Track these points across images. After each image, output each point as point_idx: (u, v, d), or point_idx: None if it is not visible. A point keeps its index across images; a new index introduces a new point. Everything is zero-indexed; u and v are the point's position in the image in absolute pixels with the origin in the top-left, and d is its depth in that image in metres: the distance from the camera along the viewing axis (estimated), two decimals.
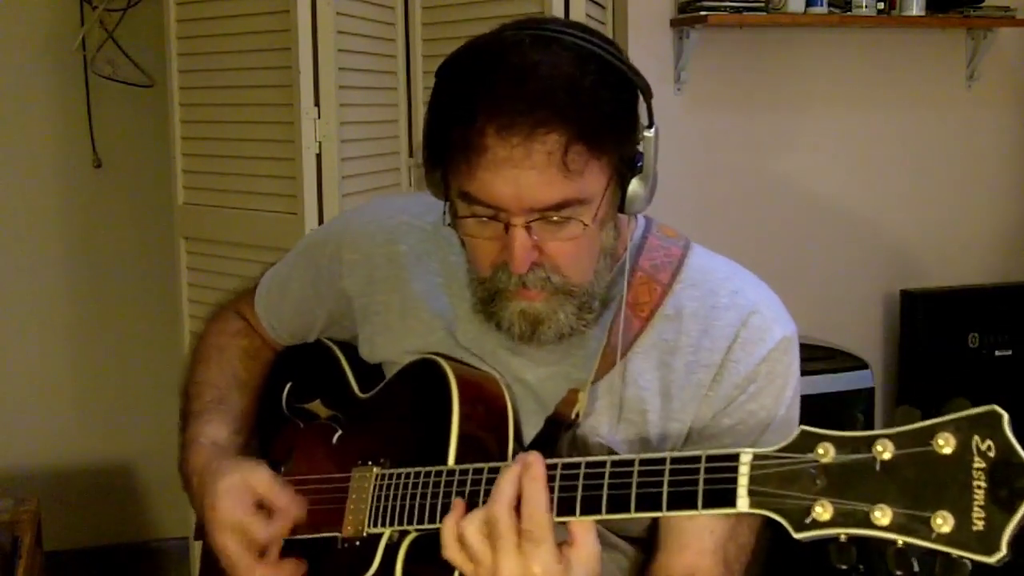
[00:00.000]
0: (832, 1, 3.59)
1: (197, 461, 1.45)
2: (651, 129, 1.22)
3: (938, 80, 3.88)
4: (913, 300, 3.74)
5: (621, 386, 1.30)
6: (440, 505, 1.20)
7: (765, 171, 3.77)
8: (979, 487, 0.87)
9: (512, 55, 1.16)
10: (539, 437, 1.30)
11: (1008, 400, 0.92)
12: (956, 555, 0.87)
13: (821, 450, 0.95)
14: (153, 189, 3.58)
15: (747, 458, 1.00)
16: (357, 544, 1.30)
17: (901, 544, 0.90)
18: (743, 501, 0.99)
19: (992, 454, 0.87)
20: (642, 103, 1.23)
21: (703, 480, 1.03)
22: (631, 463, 1.09)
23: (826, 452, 0.94)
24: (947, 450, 0.88)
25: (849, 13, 3.60)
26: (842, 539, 0.93)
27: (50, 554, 3.14)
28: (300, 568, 1.36)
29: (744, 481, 1.00)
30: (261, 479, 1.37)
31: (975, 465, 0.87)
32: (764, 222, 3.78)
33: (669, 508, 1.05)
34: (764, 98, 3.73)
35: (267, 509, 1.36)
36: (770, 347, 1.28)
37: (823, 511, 0.93)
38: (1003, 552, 0.85)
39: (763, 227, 3.77)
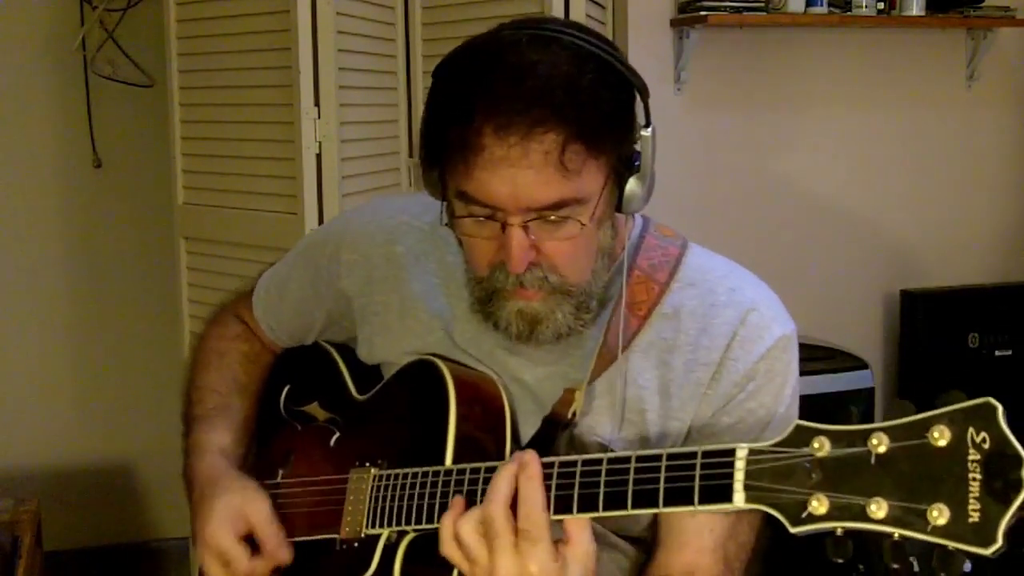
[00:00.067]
0: (832, 1, 3.59)
1: (201, 470, 1.45)
2: (648, 128, 1.22)
3: (938, 80, 3.88)
4: (913, 300, 3.74)
5: (619, 385, 1.29)
6: (438, 505, 1.20)
7: (765, 171, 3.77)
8: (974, 479, 0.87)
9: (509, 54, 1.16)
10: (537, 437, 1.29)
11: (1008, 400, 0.92)
12: (952, 547, 0.87)
13: (816, 444, 0.95)
14: (153, 189, 3.58)
15: (743, 453, 1.00)
16: (355, 545, 1.30)
17: (897, 537, 0.90)
18: (739, 496, 0.99)
19: (987, 446, 0.87)
20: (639, 102, 1.22)
21: (699, 476, 1.03)
22: (627, 460, 1.09)
23: (821, 446, 0.95)
24: (942, 443, 0.89)
25: (849, 13, 3.60)
26: (838, 533, 0.93)
27: (50, 554, 3.14)
28: None
29: (740, 476, 1.00)
30: (258, 511, 1.37)
31: (970, 457, 0.88)
32: (764, 222, 3.78)
33: (666, 504, 1.05)
34: (764, 98, 3.73)
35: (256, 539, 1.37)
36: (769, 345, 1.27)
37: (819, 505, 0.93)
38: (999, 543, 0.86)
39: (763, 227, 3.77)
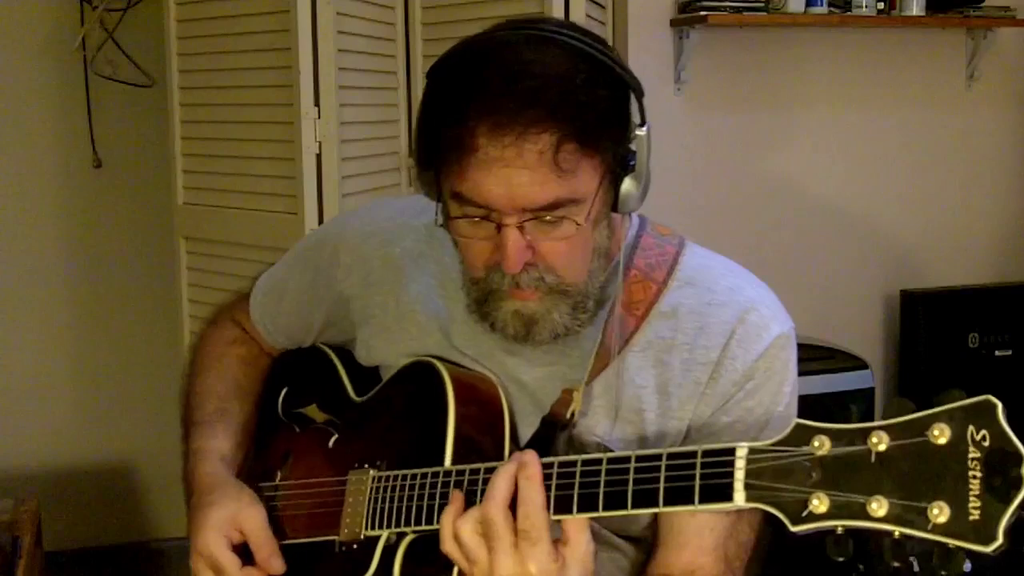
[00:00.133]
0: (832, 1, 3.59)
1: (200, 477, 1.45)
2: (644, 128, 1.21)
3: (938, 80, 3.88)
4: (913, 300, 3.74)
5: (617, 385, 1.29)
6: (437, 506, 1.20)
7: (765, 171, 3.77)
8: (974, 477, 0.87)
9: (504, 55, 1.15)
10: (535, 437, 1.29)
11: (1008, 400, 0.92)
12: (953, 545, 0.87)
13: (816, 443, 0.95)
14: (153, 189, 3.58)
15: (743, 452, 1.00)
16: (355, 547, 1.29)
17: (898, 535, 0.90)
18: (739, 495, 0.99)
19: (987, 444, 0.87)
20: (634, 102, 1.22)
21: (699, 475, 1.03)
22: (627, 460, 1.09)
23: (821, 445, 0.95)
24: (942, 440, 0.89)
25: (849, 13, 3.60)
26: (839, 531, 0.93)
27: (50, 554, 3.15)
28: None
29: (740, 475, 0.99)
30: (252, 520, 1.37)
31: (970, 455, 0.88)
32: (764, 222, 3.78)
33: (666, 504, 1.05)
34: (764, 98, 3.73)
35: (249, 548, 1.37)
36: (767, 344, 1.27)
37: (819, 503, 0.93)
38: (999, 541, 0.86)
39: (763, 227, 3.77)
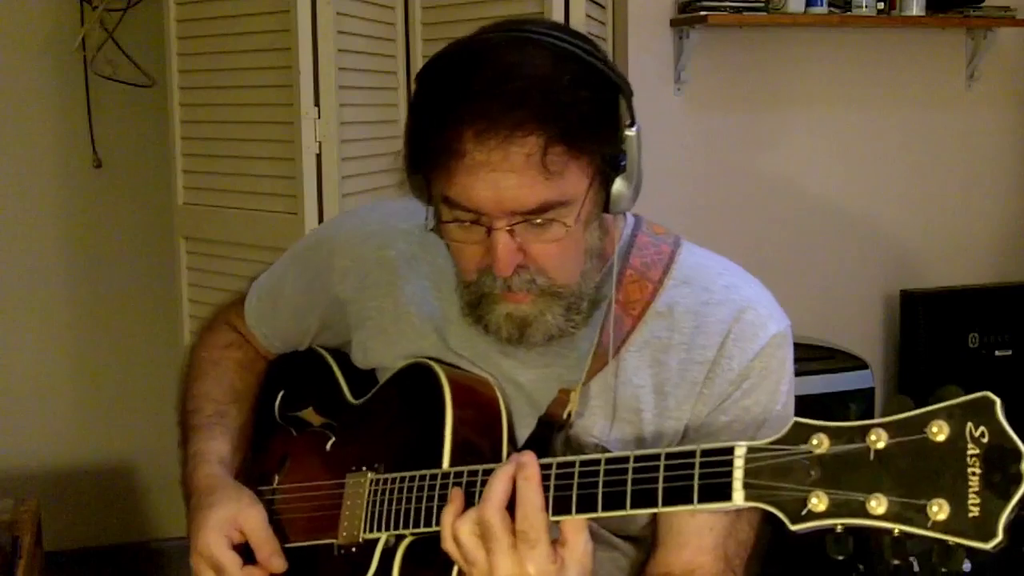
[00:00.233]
0: (832, 1, 3.60)
1: (199, 480, 1.44)
2: (633, 128, 1.21)
3: (938, 80, 3.88)
4: (913, 300, 3.74)
5: (614, 385, 1.29)
6: (436, 508, 1.20)
7: (765, 171, 3.77)
8: (973, 473, 0.87)
9: (490, 58, 1.15)
10: (532, 438, 1.29)
11: (1008, 400, 0.92)
12: (952, 542, 0.87)
13: (815, 441, 0.94)
14: (153, 189, 3.59)
15: (741, 451, 1.00)
16: (353, 550, 1.29)
17: (897, 533, 0.90)
18: (738, 494, 0.99)
19: (986, 440, 0.87)
20: (624, 102, 1.21)
21: (698, 475, 1.02)
22: (626, 460, 1.08)
23: (820, 443, 0.94)
24: (941, 437, 0.88)
25: (849, 13, 3.61)
26: (838, 530, 0.93)
27: (50, 554, 3.14)
28: None
29: (739, 474, 0.99)
30: (252, 520, 1.37)
31: (969, 452, 0.87)
32: (764, 222, 3.78)
33: (665, 504, 1.05)
34: (764, 98, 3.73)
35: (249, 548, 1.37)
36: (764, 343, 1.27)
37: (819, 502, 0.93)
38: (999, 538, 0.85)
39: (763, 227, 3.77)
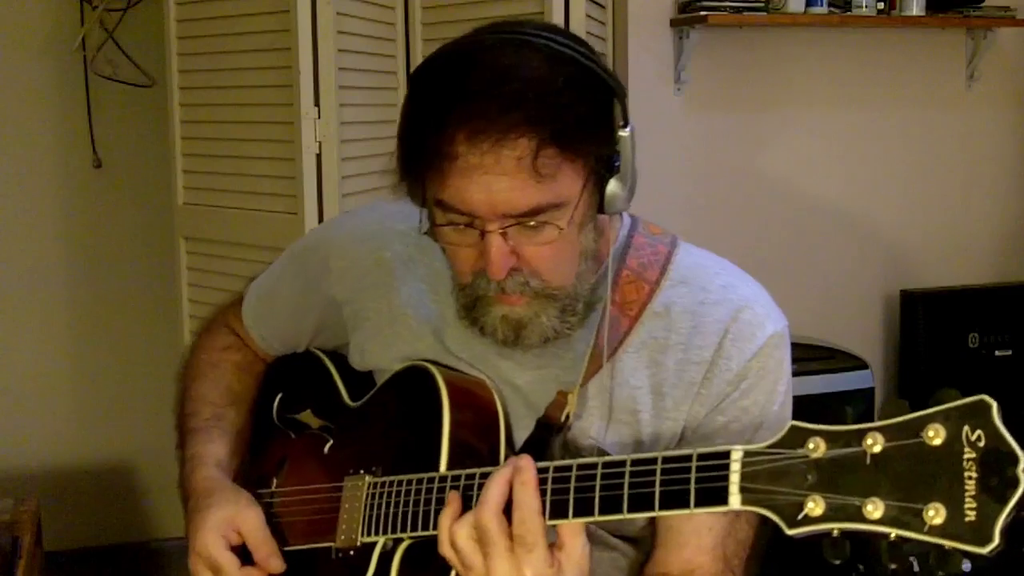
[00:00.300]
0: (832, 1, 3.59)
1: (197, 482, 1.44)
2: (627, 129, 1.21)
3: (938, 80, 3.88)
4: (913, 300, 3.73)
5: (611, 386, 1.28)
6: (433, 512, 1.19)
7: (765, 171, 3.77)
8: (970, 477, 0.86)
9: (482, 60, 1.15)
10: (530, 440, 1.29)
11: (1008, 400, 0.92)
12: (949, 547, 0.87)
13: (812, 445, 0.94)
14: (153, 189, 3.58)
15: (738, 455, 1.00)
16: (351, 554, 1.29)
17: (894, 537, 0.89)
18: (735, 498, 0.99)
19: (982, 444, 0.87)
20: (617, 103, 1.21)
21: (695, 479, 1.02)
22: (623, 464, 1.08)
23: (816, 447, 0.94)
24: (937, 441, 0.88)
25: (849, 13, 3.60)
26: (835, 534, 0.93)
27: (50, 554, 3.14)
28: None
29: (736, 478, 0.99)
30: (250, 521, 1.37)
31: (965, 455, 0.87)
32: (764, 222, 3.77)
33: (662, 508, 1.04)
34: (764, 98, 3.73)
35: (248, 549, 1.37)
36: (761, 343, 1.27)
37: (815, 506, 0.93)
38: (996, 542, 0.85)
39: (763, 227, 3.77)
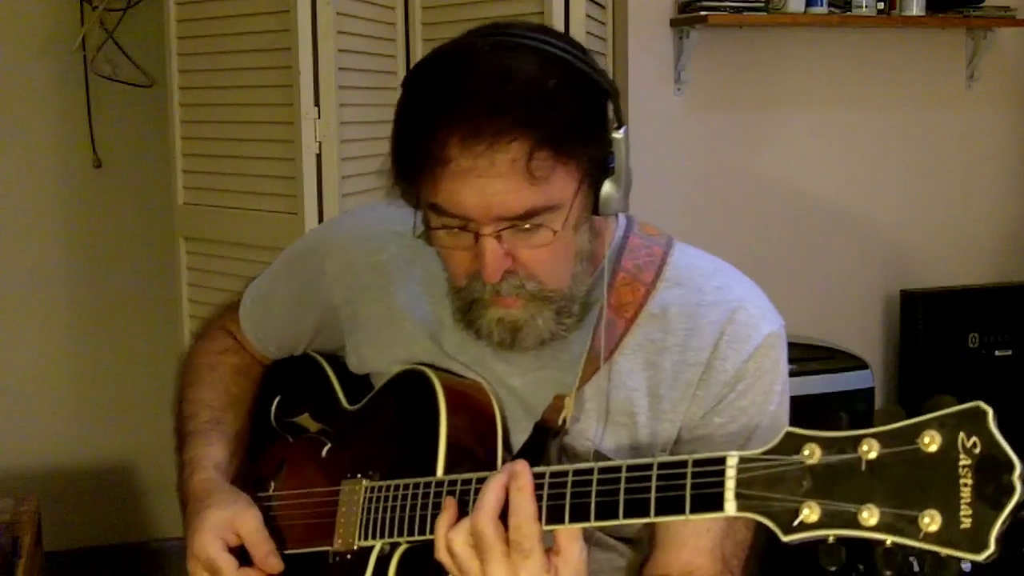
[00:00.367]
0: (832, 1, 3.59)
1: (196, 485, 1.44)
2: (621, 130, 1.20)
3: (938, 80, 3.88)
4: (913, 300, 3.74)
5: (608, 388, 1.28)
6: (430, 516, 1.19)
7: (765, 171, 3.77)
8: (965, 484, 0.86)
9: (474, 63, 1.15)
10: (528, 444, 1.29)
11: (1008, 400, 0.92)
12: (944, 554, 0.87)
13: (807, 451, 0.94)
14: (153, 189, 3.58)
15: (733, 461, 1.00)
16: (348, 557, 1.29)
17: (889, 544, 0.89)
18: (731, 505, 0.99)
19: (978, 451, 0.86)
20: (611, 103, 1.20)
21: (690, 485, 1.02)
22: (619, 469, 1.08)
23: (812, 453, 0.94)
24: (933, 448, 0.88)
25: (849, 13, 3.61)
26: (830, 540, 0.92)
27: (50, 554, 3.16)
28: None
29: (731, 484, 0.99)
30: (248, 522, 1.37)
31: (961, 462, 0.87)
32: (764, 222, 3.77)
33: (657, 514, 1.04)
34: (764, 98, 3.73)
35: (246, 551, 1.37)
36: (757, 344, 1.27)
37: (810, 513, 0.93)
38: (991, 549, 0.85)
39: (763, 227, 3.77)
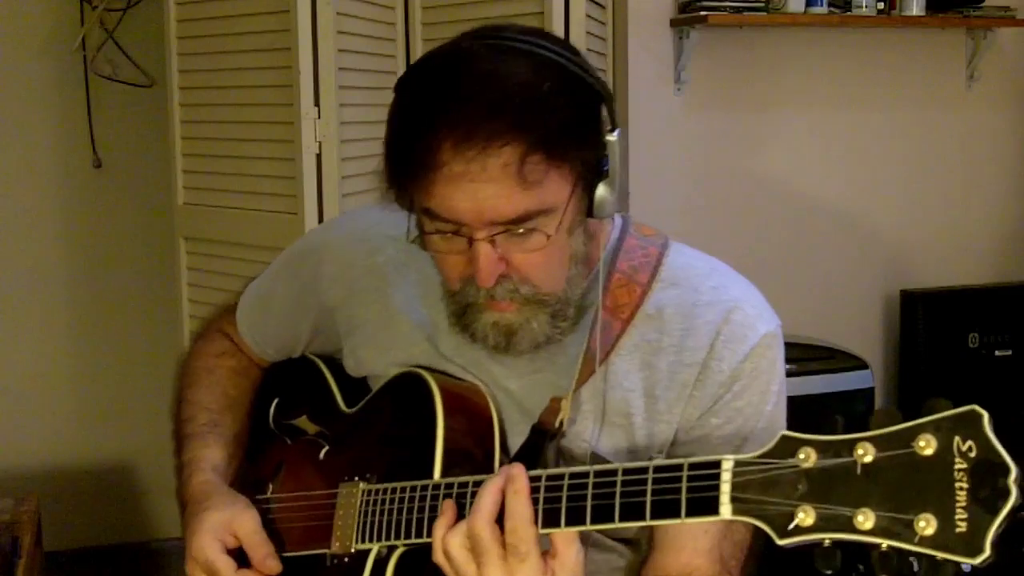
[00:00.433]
0: (832, 1, 3.59)
1: (194, 487, 1.44)
2: (615, 133, 1.20)
3: (938, 80, 3.88)
4: (913, 300, 3.73)
5: (604, 390, 1.28)
6: (427, 519, 1.19)
7: (765, 171, 3.77)
8: (961, 488, 0.86)
9: (466, 67, 1.14)
10: (524, 446, 1.28)
11: (1008, 400, 0.91)
12: (940, 558, 0.86)
13: (802, 455, 0.94)
14: (153, 189, 3.59)
15: (728, 465, 0.99)
16: (346, 560, 1.29)
17: (885, 548, 0.89)
18: (726, 508, 0.98)
19: (973, 454, 0.86)
20: (605, 107, 1.20)
21: (686, 488, 1.02)
22: (614, 473, 1.08)
23: (807, 457, 0.93)
24: (928, 451, 0.88)
25: (849, 13, 3.60)
26: (826, 544, 0.92)
27: (50, 554, 3.16)
28: None
29: (727, 488, 0.99)
30: (246, 524, 1.37)
31: (957, 466, 0.86)
32: (764, 222, 3.77)
33: (652, 517, 1.04)
34: (764, 98, 3.73)
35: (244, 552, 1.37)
36: (753, 344, 1.26)
37: (806, 516, 0.92)
38: (987, 553, 0.85)
39: (763, 227, 3.77)
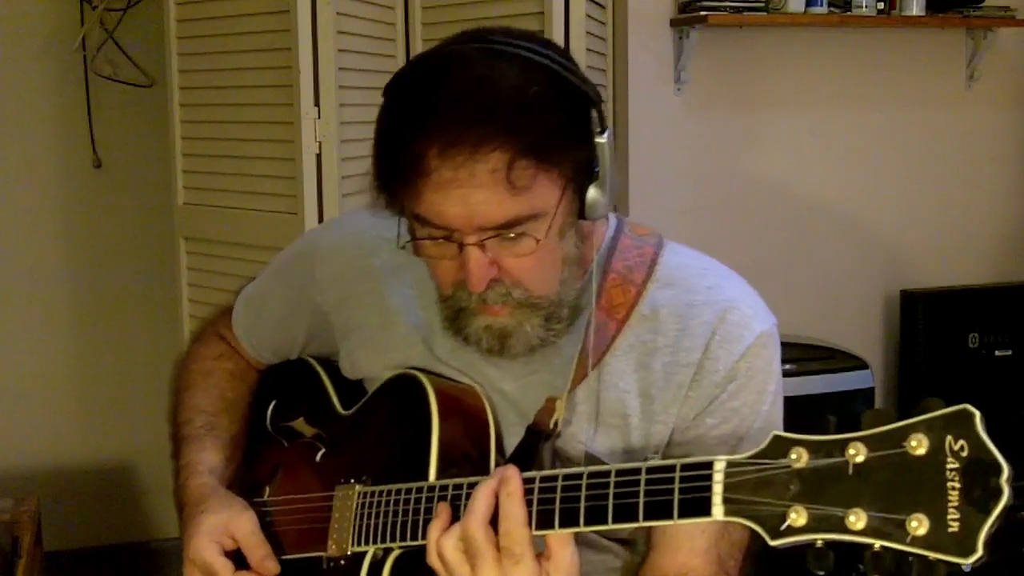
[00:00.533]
0: (832, 1, 3.59)
1: (191, 490, 1.44)
2: (605, 135, 1.20)
3: (938, 80, 3.87)
4: (913, 300, 3.73)
5: (599, 390, 1.28)
6: (422, 522, 1.19)
7: (765, 171, 3.77)
8: (953, 488, 0.86)
9: (453, 72, 1.14)
10: (520, 447, 1.29)
11: (1008, 400, 0.91)
12: (932, 558, 0.86)
13: (794, 455, 0.94)
14: (153, 189, 3.59)
15: (721, 465, 0.99)
16: (342, 563, 1.29)
17: (877, 548, 0.89)
18: (718, 509, 0.98)
19: (965, 454, 0.86)
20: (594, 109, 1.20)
21: (678, 489, 1.02)
22: (607, 474, 1.08)
23: (799, 457, 0.93)
24: (920, 451, 0.87)
25: (849, 13, 3.60)
26: (818, 544, 0.92)
27: (50, 554, 3.15)
28: None
29: (719, 489, 0.99)
30: (244, 526, 1.37)
31: (948, 466, 0.86)
32: (764, 222, 3.77)
33: (645, 519, 1.04)
34: (764, 98, 3.73)
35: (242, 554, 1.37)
36: (749, 343, 1.26)
37: (798, 517, 0.92)
38: (979, 553, 0.84)
39: (763, 227, 3.76)
